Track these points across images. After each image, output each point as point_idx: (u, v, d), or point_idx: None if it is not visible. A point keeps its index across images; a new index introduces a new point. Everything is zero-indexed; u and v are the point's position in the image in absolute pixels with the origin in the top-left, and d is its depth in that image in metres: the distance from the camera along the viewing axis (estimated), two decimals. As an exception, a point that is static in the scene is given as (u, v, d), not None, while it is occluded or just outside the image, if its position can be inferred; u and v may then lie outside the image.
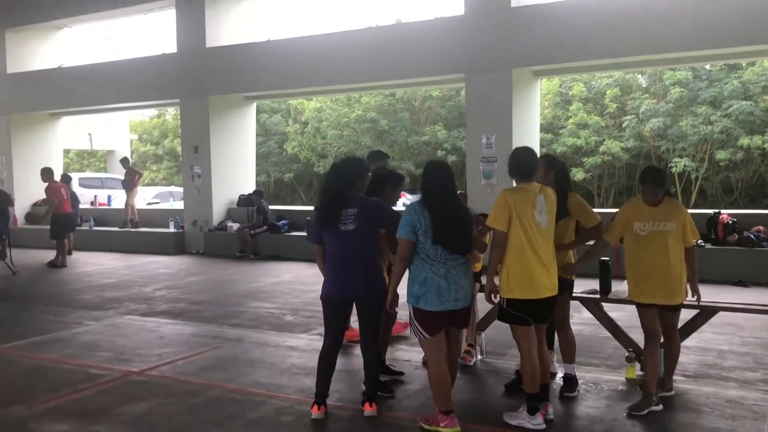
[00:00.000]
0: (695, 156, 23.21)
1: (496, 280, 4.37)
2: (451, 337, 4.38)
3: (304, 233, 13.39)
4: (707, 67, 23.29)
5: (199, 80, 14.32)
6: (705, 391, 4.85)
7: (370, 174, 5.05)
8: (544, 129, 25.99)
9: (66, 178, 14.18)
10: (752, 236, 9.57)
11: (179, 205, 17.41)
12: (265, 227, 13.64)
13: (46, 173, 13.19)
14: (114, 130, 26.46)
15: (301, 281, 10.51)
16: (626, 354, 5.30)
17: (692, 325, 5.24)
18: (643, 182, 4.61)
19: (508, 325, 4.42)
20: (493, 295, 4.36)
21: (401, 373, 5.42)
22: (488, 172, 11.47)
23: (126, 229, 15.41)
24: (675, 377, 4.92)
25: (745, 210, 17.32)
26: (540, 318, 4.34)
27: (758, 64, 22.34)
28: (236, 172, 14.97)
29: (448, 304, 4.15)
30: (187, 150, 14.78)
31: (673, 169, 22.67)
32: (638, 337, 5.22)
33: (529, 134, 12.05)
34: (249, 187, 15.22)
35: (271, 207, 14.50)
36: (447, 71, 12.21)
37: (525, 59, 11.39)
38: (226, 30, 14.47)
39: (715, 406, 4.56)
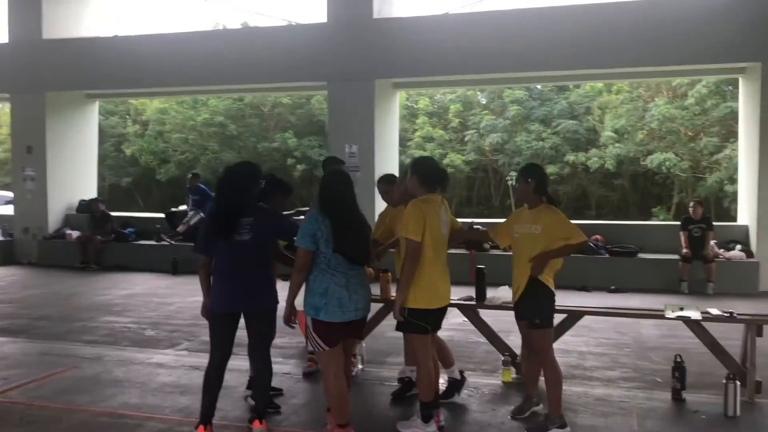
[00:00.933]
0: (529, 170, 24.85)
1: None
2: (348, 348, 4.32)
3: (152, 242, 12.71)
4: (539, 87, 25.19)
5: (35, 74, 13.10)
6: (576, 391, 5.18)
7: (263, 181, 4.85)
8: (391, 140, 26.73)
9: None
10: (592, 245, 10.42)
11: (7, 210, 15.92)
12: (112, 235, 12.73)
13: None
14: None
15: (155, 293, 9.92)
16: (502, 358, 5.54)
17: (560, 329, 5.57)
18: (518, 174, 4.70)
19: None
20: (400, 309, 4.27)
21: (280, 390, 5.25)
22: (350, 182, 11.52)
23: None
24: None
25: (575, 221, 18.83)
26: (437, 326, 4.41)
27: (582, 86, 24.49)
28: (75, 176, 13.87)
29: (350, 314, 4.09)
30: (19, 150, 13.45)
31: (510, 182, 24.12)
32: (513, 342, 5.50)
33: (389, 145, 12.31)
34: (90, 192, 14.16)
35: (114, 213, 13.59)
36: (308, 78, 12.14)
37: (386, 71, 11.64)
38: (67, 22, 13.38)
39: (588, 405, 4.89)
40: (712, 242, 9.97)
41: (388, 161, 12.23)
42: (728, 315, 5.10)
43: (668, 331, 7.05)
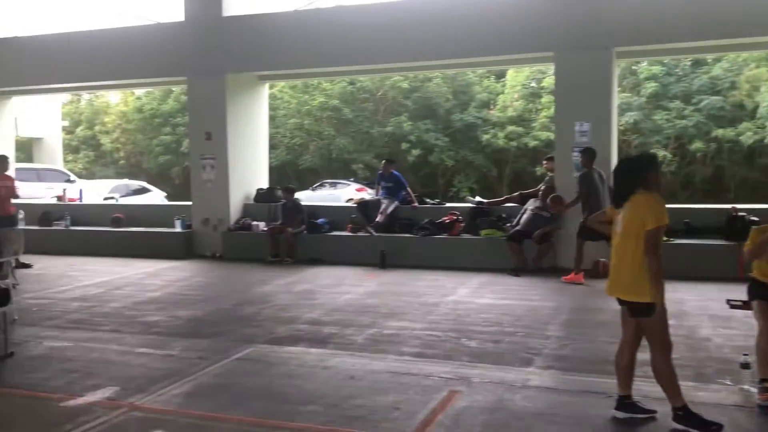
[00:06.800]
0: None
1: None
2: None
3: (347, 233, 11.75)
4: (676, 62, 23.41)
5: (214, 55, 12.24)
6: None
7: None
8: (514, 122, 25.42)
9: None
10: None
11: (124, 201, 16.46)
12: (303, 227, 11.82)
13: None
14: (42, 115, 23.17)
15: (398, 291, 8.88)
16: None
17: None
18: None
19: None
20: None
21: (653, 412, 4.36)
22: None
23: (120, 229, 13.06)
24: None
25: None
26: None
27: (724, 59, 22.68)
28: (250, 164, 13.00)
29: None
30: (197, 137, 12.63)
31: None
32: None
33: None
34: (262, 180, 13.30)
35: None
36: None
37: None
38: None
39: None
40: None
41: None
42: None
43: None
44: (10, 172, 11.31)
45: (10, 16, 14.93)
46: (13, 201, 10.91)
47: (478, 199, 12.25)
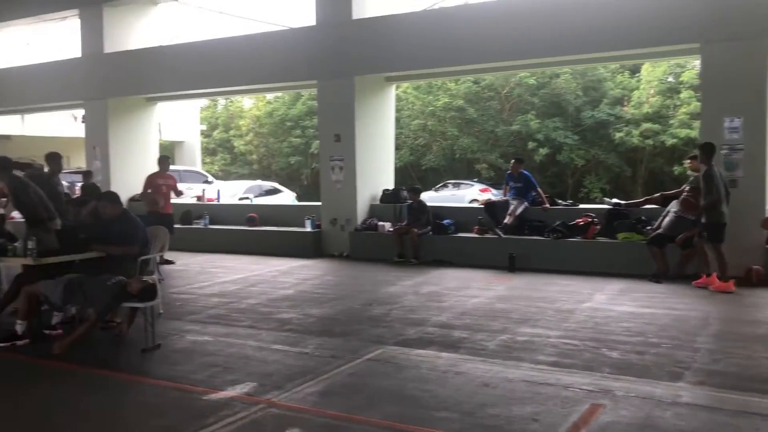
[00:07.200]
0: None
1: None
2: None
3: (474, 234, 11.55)
4: None
5: (343, 58, 12.42)
6: None
7: None
8: (650, 118, 24.13)
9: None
10: None
11: (257, 201, 17.05)
12: (429, 228, 11.75)
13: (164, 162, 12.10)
14: (183, 120, 24.68)
15: (530, 296, 8.58)
16: None
17: None
18: None
19: None
20: None
21: None
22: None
23: (254, 228, 13.61)
24: None
25: None
26: None
27: None
28: (377, 165, 13.10)
29: None
30: (326, 138, 12.89)
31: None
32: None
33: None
34: (388, 181, 13.36)
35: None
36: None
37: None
38: None
39: None
40: None
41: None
42: None
43: None
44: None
45: (155, 29, 15.81)
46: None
47: (615, 200, 11.64)
